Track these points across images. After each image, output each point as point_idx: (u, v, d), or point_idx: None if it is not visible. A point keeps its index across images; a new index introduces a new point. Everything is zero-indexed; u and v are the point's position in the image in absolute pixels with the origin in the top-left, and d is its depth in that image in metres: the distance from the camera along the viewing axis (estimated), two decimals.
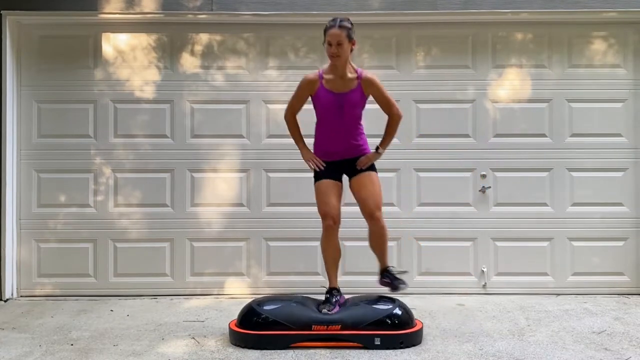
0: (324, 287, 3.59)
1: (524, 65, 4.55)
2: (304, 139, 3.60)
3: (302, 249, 4.49)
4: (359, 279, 4.50)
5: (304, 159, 3.58)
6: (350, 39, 3.35)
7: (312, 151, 3.58)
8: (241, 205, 4.54)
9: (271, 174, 4.54)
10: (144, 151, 4.52)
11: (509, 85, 4.55)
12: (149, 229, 4.51)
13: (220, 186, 4.53)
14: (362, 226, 4.50)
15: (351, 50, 3.39)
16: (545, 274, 4.52)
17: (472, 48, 4.56)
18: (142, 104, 4.54)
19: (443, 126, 4.54)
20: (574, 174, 4.54)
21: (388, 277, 3.55)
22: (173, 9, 4.41)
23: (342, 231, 4.50)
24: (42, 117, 4.52)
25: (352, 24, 3.37)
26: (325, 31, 3.35)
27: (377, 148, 3.57)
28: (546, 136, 4.55)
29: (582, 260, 4.52)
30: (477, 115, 4.55)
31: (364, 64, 4.53)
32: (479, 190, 4.54)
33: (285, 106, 4.49)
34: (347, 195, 4.55)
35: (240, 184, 4.54)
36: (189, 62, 4.55)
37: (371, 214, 3.47)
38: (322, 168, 3.49)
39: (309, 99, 3.52)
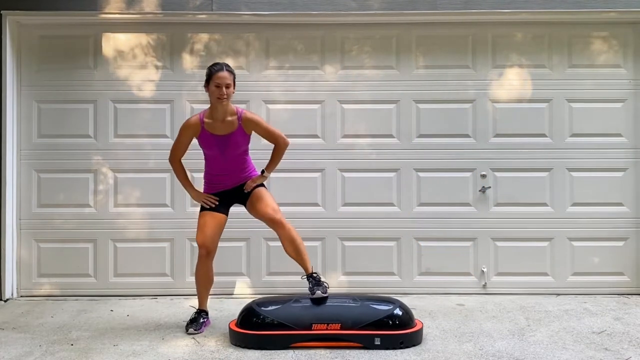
0: (193, 307, 3.82)
1: (524, 65, 4.55)
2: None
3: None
4: (359, 279, 4.51)
5: (195, 199, 3.72)
6: (234, 83, 3.53)
7: (203, 182, 3.71)
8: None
9: (271, 174, 4.53)
10: (144, 151, 4.52)
11: (509, 85, 4.55)
12: (149, 229, 4.51)
13: None
14: (362, 226, 4.52)
15: (232, 95, 3.52)
16: (545, 274, 4.52)
17: (472, 48, 4.56)
18: (142, 104, 4.54)
19: (443, 126, 4.54)
20: (574, 174, 4.54)
21: (311, 282, 3.48)
22: (173, 9, 4.41)
23: (342, 231, 4.53)
24: (42, 117, 4.52)
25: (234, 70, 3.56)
26: (212, 74, 3.46)
27: (262, 171, 3.68)
28: (546, 136, 4.55)
29: (582, 260, 4.52)
30: (477, 115, 4.55)
31: (364, 64, 4.54)
32: (479, 190, 4.54)
33: (285, 107, 4.54)
34: (347, 195, 4.56)
35: None
36: (189, 62, 4.55)
37: (272, 219, 3.55)
38: (216, 204, 3.62)
39: (194, 139, 3.61)
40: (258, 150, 4.00)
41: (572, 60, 4.56)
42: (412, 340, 3.35)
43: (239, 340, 3.36)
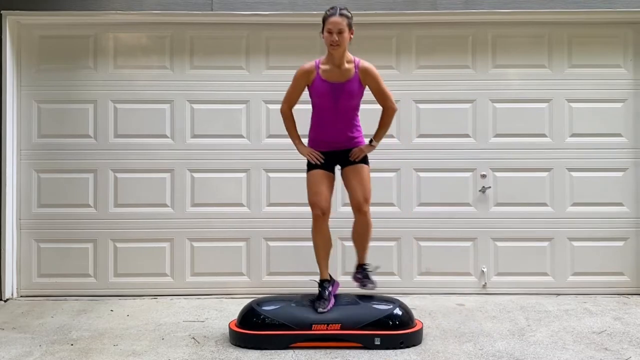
0: (314, 280, 3.57)
1: (524, 65, 4.55)
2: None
3: (302, 249, 4.48)
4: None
5: (301, 153, 3.57)
6: (350, 28, 3.35)
7: (308, 138, 3.58)
8: (241, 205, 4.54)
9: (271, 174, 4.54)
10: (144, 151, 4.52)
11: (509, 85, 4.55)
12: (149, 229, 4.51)
13: (220, 186, 4.53)
14: None
15: (350, 40, 3.39)
16: (545, 274, 4.52)
17: (472, 48, 4.56)
18: (142, 104, 4.54)
19: (443, 126, 4.54)
20: (574, 174, 4.54)
21: (361, 274, 3.53)
22: (173, 9, 4.41)
23: (342, 231, 4.50)
24: (42, 117, 4.52)
25: (350, 12, 3.38)
26: (325, 19, 3.34)
27: (370, 141, 3.56)
28: (546, 136, 4.55)
29: (582, 260, 4.52)
30: (477, 115, 4.55)
31: None
32: (479, 190, 4.54)
33: None
34: (347, 195, 4.55)
35: (240, 184, 4.54)
36: (189, 62, 4.55)
37: (359, 206, 3.47)
38: (322, 161, 3.48)
39: (306, 89, 3.51)
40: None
41: (572, 60, 4.56)
42: (412, 340, 3.35)
43: (239, 340, 3.36)
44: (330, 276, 3.55)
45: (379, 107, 3.61)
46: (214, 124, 4.53)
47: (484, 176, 4.53)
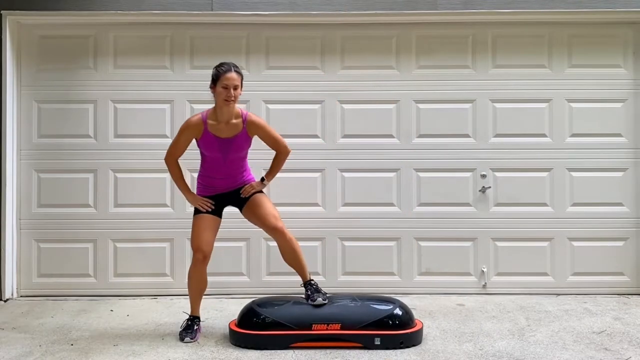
0: (186, 313, 3.68)
1: (524, 65, 4.55)
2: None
3: (301, 249, 4.48)
4: (359, 279, 4.51)
5: (190, 203, 3.62)
6: (242, 85, 3.44)
7: (197, 183, 3.64)
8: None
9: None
10: (144, 151, 4.52)
11: (509, 85, 4.55)
12: (149, 229, 4.51)
13: None
14: (362, 226, 4.52)
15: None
16: (545, 274, 4.52)
17: (472, 48, 4.56)
18: (142, 104, 4.53)
19: (443, 126, 4.54)
20: (574, 174, 4.54)
21: (309, 290, 3.48)
22: (173, 9, 4.41)
23: (342, 231, 4.52)
24: (42, 117, 4.52)
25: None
26: (219, 75, 3.38)
27: (262, 179, 3.63)
28: (546, 136, 4.55)
29: (582, 260, 4.52)
30: (477, 115, 4.55)
31: (364, 64, 4.54)
32: (479, 190, 4.54)
33: (285, 107, 4.53)
34: (347, 195, 4.56)
35: None
36: (189, 62, 4.55)
37: (274, 227, 3.49)
38: (212, 208, 3.53)
39: (193, 140, 3.53)
40: (258, 150, 3.98)
41: (572, 60, 4.56)
42: (412, 340, 3.35)
43: (239, 340, 3.36)
44: (199, 317, 3.60)
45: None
46: None
47: (484, 176, 4.53)
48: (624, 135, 4.54)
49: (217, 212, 3.58)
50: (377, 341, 3.28)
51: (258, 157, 3.94)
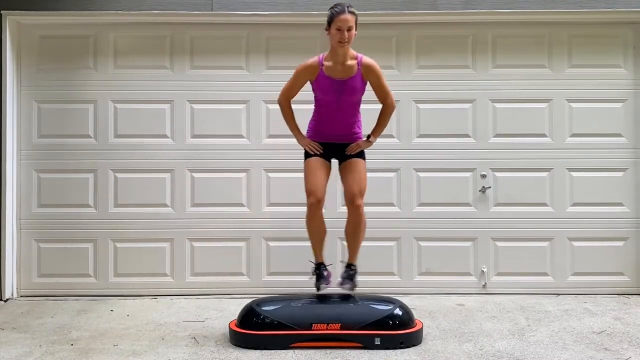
0: (311, 261, 3.63)
1: (524, 65, 4.55)
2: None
3: (302, 249, 4.45)
4: (359, 279, 4.45)
5: (300, 144, 3.59)
6: (356, 25, 3.37)
7: (307, 128, 3.61)
8: (241, 205, 4.54)
9: (271, 174, 4.54)
10: (144, 151, 4.52)
11: (509, 85, 4.55)
12: (149, 229, 4.51)
13: (220, 186, 4.53)
14: None
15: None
16: (545, 274, 4.52)
17: (472, 48, 4.56)
18: (142, 104, 4.54)
19: (443, 126, 4.54)
20: (574, 174, 4.54)
21: (346, 273, 3.53)
22: (173, 9, 4.41)
23: (342, 231, 4.49)
24: (42, 117, 4.52)
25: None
26: (333, 16, 3.31)
27: (368, 136, 3.58)
28: (546, 136, 4.55)
29: (582, 260, 4.52)
30: (477, 115, 4.55)
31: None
32: (479, 190, 4.54)
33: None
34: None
35: (240, 184, 4.54)
36: (189, 62, 4.55)
37: (353, 198, 3.45)
38: (320, 152, 3.51)
39: (307, 84, 3.52)
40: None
41: (572, 60, 4.56)
42: (412, 340, 3.35)
43: (239, 340, 3.36)
44: (324, 263, 3.61)
45: (378, 106, 3.61)
46: (214, 124, 4.53)
47: (484, 176, 4.53)
48: (624, 135, 4.54)
49: (327, 159, 3.54)
50: (377, 341, 3.28)
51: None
